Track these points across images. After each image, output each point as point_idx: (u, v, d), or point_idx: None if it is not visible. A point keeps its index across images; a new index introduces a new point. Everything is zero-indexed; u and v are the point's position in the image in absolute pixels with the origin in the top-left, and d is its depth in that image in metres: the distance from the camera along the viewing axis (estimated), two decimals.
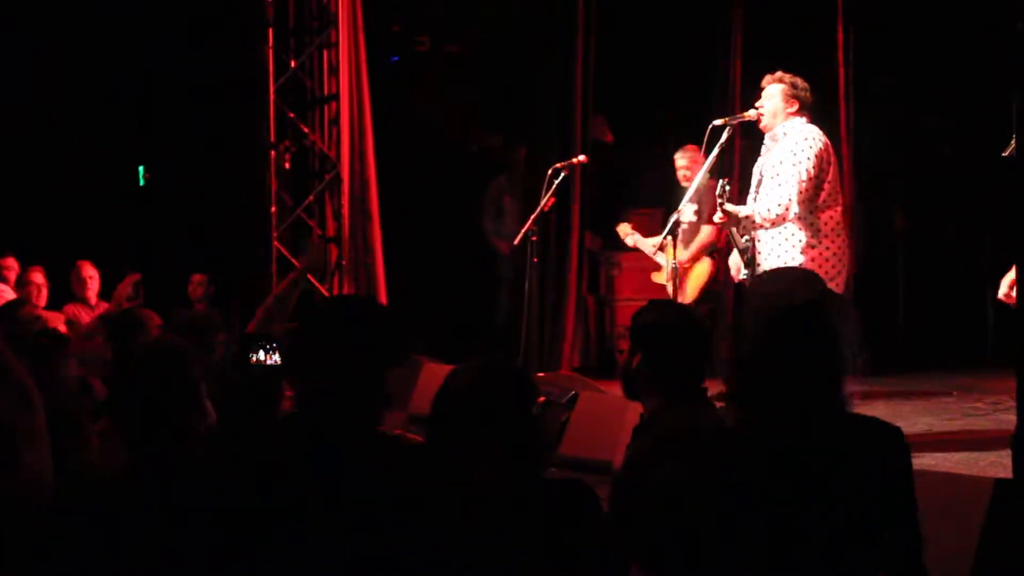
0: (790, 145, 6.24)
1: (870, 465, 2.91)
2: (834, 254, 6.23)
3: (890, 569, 2.94)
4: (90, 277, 8.64)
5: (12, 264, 8.53)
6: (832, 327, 3.00)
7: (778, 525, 2.90)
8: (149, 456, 2.91)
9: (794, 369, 2.94)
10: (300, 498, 2.63)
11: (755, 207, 6.22)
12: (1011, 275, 6.41)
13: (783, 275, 6.04)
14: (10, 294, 8.02)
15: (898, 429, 3.02)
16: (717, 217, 6.29)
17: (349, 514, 2.60)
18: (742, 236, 6.35)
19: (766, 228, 6.20)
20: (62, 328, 7.08)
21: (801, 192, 6.13)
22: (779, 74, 6.40)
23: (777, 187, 6.20)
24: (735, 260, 6.48)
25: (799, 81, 6.37)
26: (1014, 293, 6.32)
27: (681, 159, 8.01)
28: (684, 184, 7.87)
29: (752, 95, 6.60)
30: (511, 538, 2.66)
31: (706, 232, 7.99)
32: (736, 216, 6.24)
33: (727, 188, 6.19)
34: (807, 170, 6.14)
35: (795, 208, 6.12)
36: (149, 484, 2.84)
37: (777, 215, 6.14)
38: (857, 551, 2.89)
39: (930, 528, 3.05)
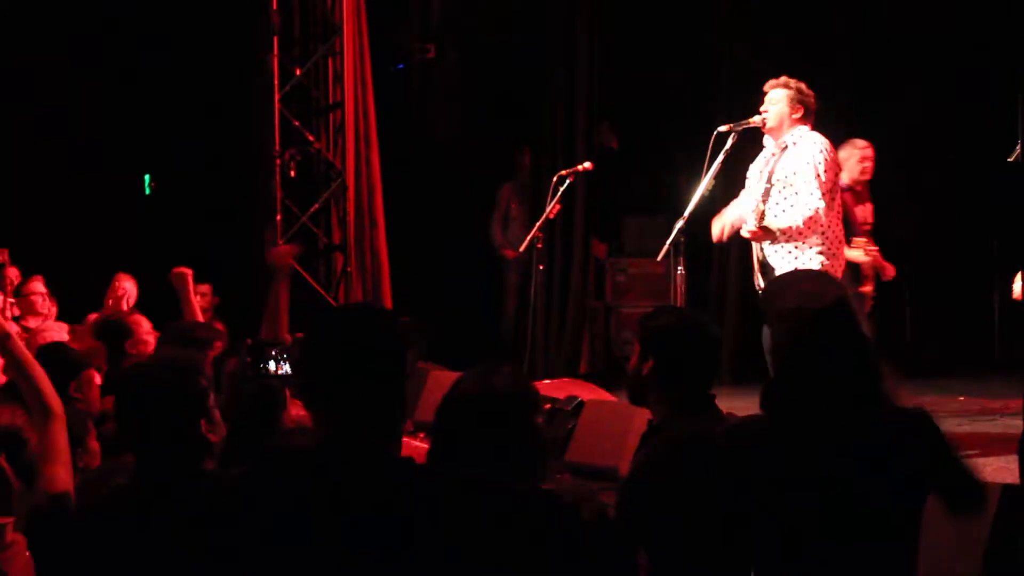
0: (805, 155, 6.21)
1: (901, 458, 2.94)
2: (836, 256, 6.24)
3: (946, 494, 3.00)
4: (124, 291, 8.60)
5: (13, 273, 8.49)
6: (858, 326, 3.03)
7: (799, 528, 2.90)
8: (156, 468, 2.90)
9: (829, 366, 2.97)
10: (306, 515, 2.59)
11: (788, 219, 6.17)
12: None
13: (800, 277, 6.05)
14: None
15: (922, 411, 3.07)
16: (748, 232, 6.25)
17: (358, 530, 2.57)
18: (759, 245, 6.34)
19: (792, 240, 6.17)
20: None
21: (827, 204, 6.14)
22: (784, 79, 6.38)
23: (800, 195, 6.17)
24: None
25: (804, 87, 6.34)
26: None
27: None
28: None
29: (756, 101, 6.58)
30: (516, 546, 2.65)
31: None
32: (772, 231, 6.19)
33: (762, 206, 6.18)
34: (823, 183, 6.14)
35: (822, 220, 6.12)
36: (156, 495, 2.83)
37: (806, 230, 6.13)
38: (883, 551, 2.90)
39: (936, 534, 3.05)
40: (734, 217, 6.58)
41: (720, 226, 6.64)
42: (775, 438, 3.00)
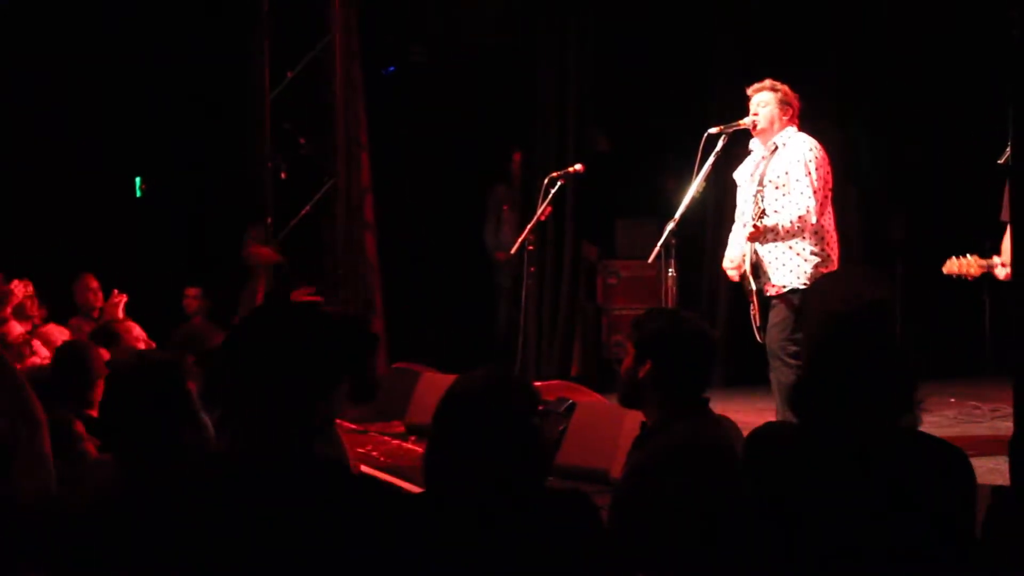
0: (795, 155, 6.23)
1: (926, 486, 2.81)
2: (831, 259, 6.25)
3: None
4: (91, 289, 8.57)
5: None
6: (894, 333, 2.90)
7: (821, 541, 2.82)
8: (140, 471, 2.89)
9: (858, 372, 2.87)
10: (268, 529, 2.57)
11: (777, 219, 6.20)
12: (1002, 256, 6.46)
13: (848, 275, 5.98)
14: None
15: (963, 453, 2.91)
16: (747, 233, 6.26)
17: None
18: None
19: (784, 240, 6.18)
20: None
21: (818, 204, 6.15)
22: (769, 82, 6.41)
23: (791, 194, 6.19)
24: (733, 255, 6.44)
25: (788, 89, 6.39)
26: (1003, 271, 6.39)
27: None
28: None
29: (747, 102, 6.59)
30: (510, 548, 2.65)
31: None
32: (765, 230, 6.21)
33: (761, 205, 6.19)
34: (814, 181, 6.16)
35: (812, 218, 6.14)
36: (140, 499, 2.82)
37: (798, 228, 6.15)
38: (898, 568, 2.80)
39: None
40: (737, 254, 6.51)
41: (734, 266, 6.49)
42: (803, 445, 2.92)
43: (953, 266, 6.60)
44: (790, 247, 6.21)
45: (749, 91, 6.47)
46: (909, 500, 2.79)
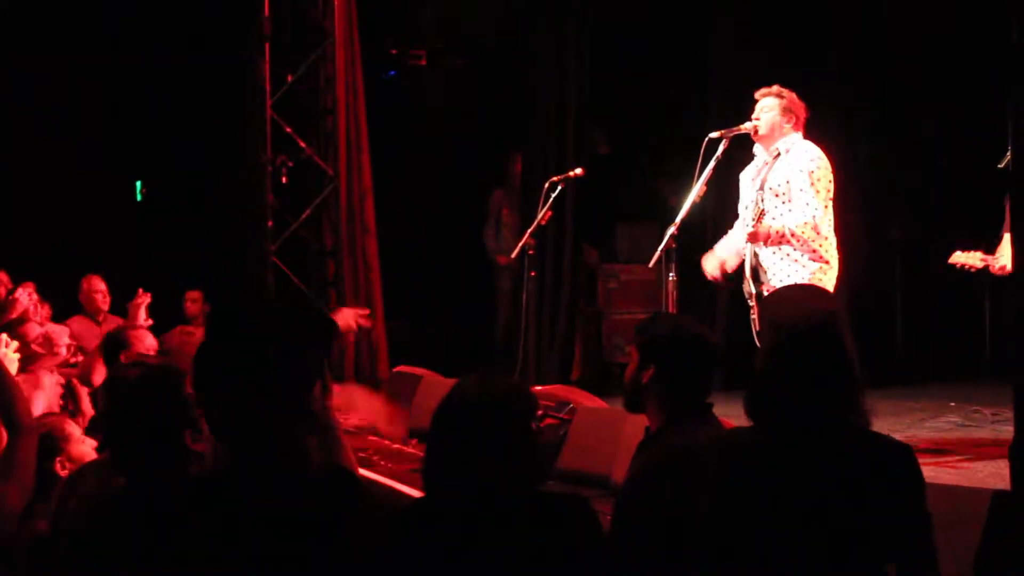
0: (798, 163, 6.21)
1: (879, 482, 2.90)
2: (830, 265, 6.24)
3: None
4: (99, 291, 8.56)
5: (3, 279, 8.46)
6: (844, 341, 3.01)
7: (783, 538, 2.89)
8: (143, 476, 2.89)
9: (807, 382, 2.96)
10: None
11: (784, 223, 6.18)
12: (1001, 253, 6.53)
13: (795, 291, 6.07)
14: None
15: (909, 448, 3.02)
16: (746, 233, 6.25)
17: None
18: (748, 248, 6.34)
19: (794, 245, 6.17)
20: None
21: (822, 212, 6.14)
22: (776, 88, 6.39)
23: (795, 202, 6.17)
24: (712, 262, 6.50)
25: (795, 96, 6.37)
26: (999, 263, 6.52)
27: None
28: None
29: (747, 107, 6.58)
30: (509, 553, 2.65)
31: None
32: (768, 233, 6.20)
33: (761, 206, 6.19)
34: (819, 189, 6.15)
35: (819, 226, 6.12)
36: (143, 505, 2.81)
37: (804, 235, 6.13)
38: (861, 565, 2.88)
39: None
40: (727, 252, 6.56)
41: (715, 262, 6.58)
42: (760, 450, 2.98)
43: (959, 258, 6.98)
44: (787, 253, 6.20)
45: (757, 95, 6.45)
46: (859, 492, 2.88)
